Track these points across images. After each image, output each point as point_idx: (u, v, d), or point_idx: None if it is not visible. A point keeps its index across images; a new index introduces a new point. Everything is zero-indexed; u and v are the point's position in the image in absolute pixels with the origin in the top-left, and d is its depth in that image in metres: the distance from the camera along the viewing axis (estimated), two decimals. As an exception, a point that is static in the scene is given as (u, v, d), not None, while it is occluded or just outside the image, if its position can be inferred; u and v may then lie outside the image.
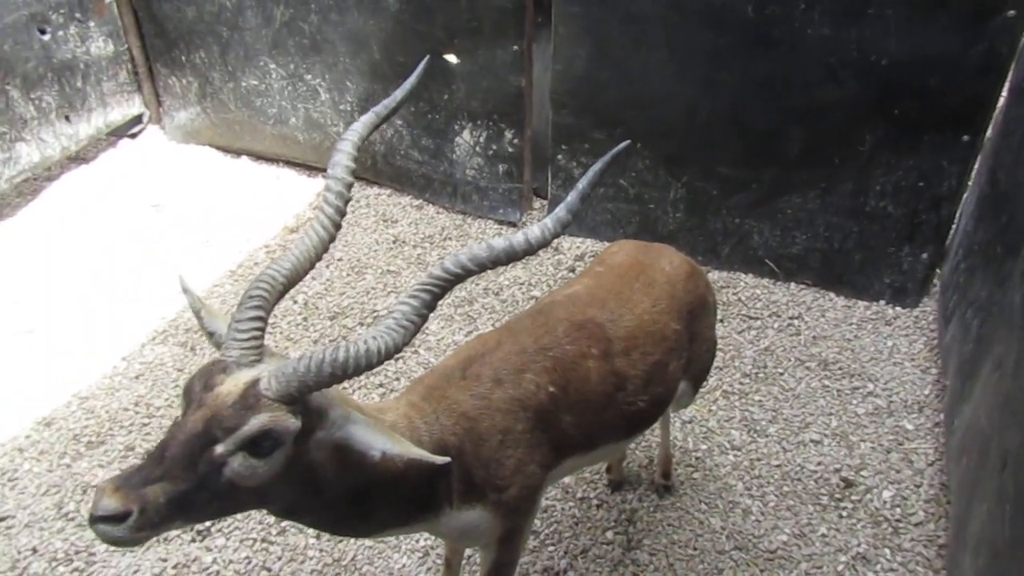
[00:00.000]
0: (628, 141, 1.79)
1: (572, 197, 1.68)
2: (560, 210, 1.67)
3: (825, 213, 4.15)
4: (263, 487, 1.57)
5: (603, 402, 2.22)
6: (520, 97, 4.51)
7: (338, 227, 1.80)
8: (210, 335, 1.74)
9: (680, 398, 2.64)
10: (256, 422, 1.49)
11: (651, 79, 4.13)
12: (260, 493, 1.59)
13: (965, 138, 3.75)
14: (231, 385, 1.53)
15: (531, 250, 1.65)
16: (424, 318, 1.63)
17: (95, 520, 1.42)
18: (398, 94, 2.01)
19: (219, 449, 1.49)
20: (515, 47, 4.36)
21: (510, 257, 1.64)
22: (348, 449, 1.66)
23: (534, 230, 1.65)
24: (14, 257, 4.62)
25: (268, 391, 1.52)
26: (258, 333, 1.62)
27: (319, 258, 1.80)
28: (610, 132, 4.38)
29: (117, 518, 1.41)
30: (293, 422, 1.53)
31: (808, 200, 4.15)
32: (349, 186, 1.80)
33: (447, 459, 1.68)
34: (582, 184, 1.70)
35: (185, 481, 1.47)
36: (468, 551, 2.79)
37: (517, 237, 1.64)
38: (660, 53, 4.05)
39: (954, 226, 4.11)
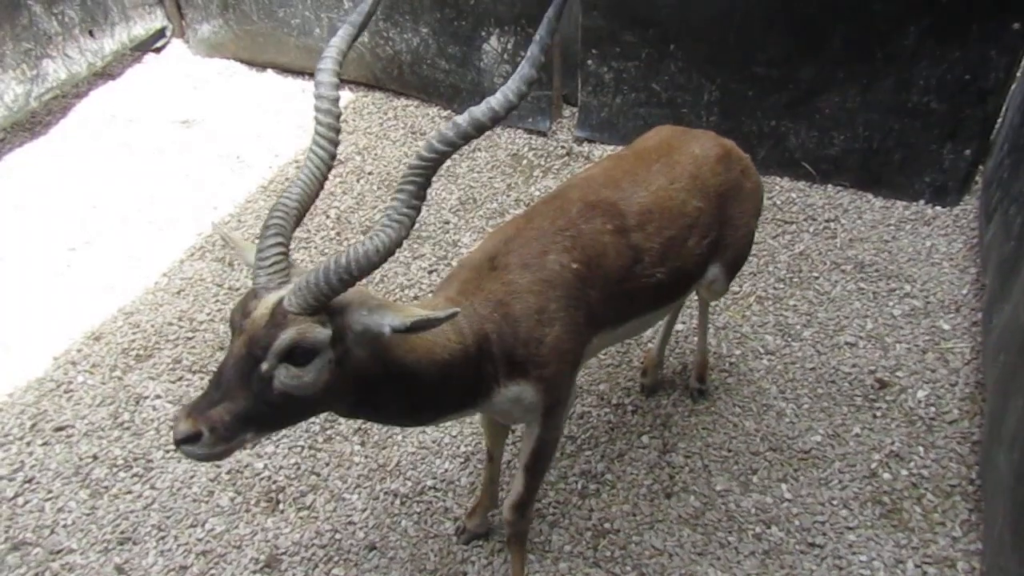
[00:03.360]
0: None
1: (533, 50, 1.66)
2: (523, 67, 1.66)
3: (865, 111, 4.02)
4: (318, 391, 1.72)
5: (623, 275, 2.29)
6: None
7: (335, 143, 1.84)
8: (249, 267, 1.84)
9: (712, 283, 2.69)
10: (286, 336, 1.64)
11: (685, -25, 3.97)
12: (319, 397, 1.74)
13: (1016, 26, 3.58)
14: (262, 308, 1.68)
15: (498, 116, 1.65)
16: (416, 208, 1.69)
17: (177, 444, 1.64)
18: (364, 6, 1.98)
19: (264, 366, 1.65)
20: (542, -55, 4.19)
21: (479, 128, 1.65)
22: (374, 338, 1.77)
23: (497, 96, 1.65)
24: (50, 174, 4.68)
25: (291, 307, 1.65)
26: (280, 258, 1.74)
27: (326, 177, 1.86)
28: (642, 34, 4.24)
29: (193, 438, 1.62)
30: (321, 330, 1.67)
31: (847, 99, 4.02)
32: (336, 100, 1.83)
33: (453, 310, 1.76)
34: (539, 36, 1.67)
35: (243, 398, 1.66)
36: (508, 441, 2.88)
37: (480, 108, 1.65)
38: (695, -53, 3.88)
39: (1000, 120, 3.97)
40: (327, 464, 3.08)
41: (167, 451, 3.13)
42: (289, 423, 1.89)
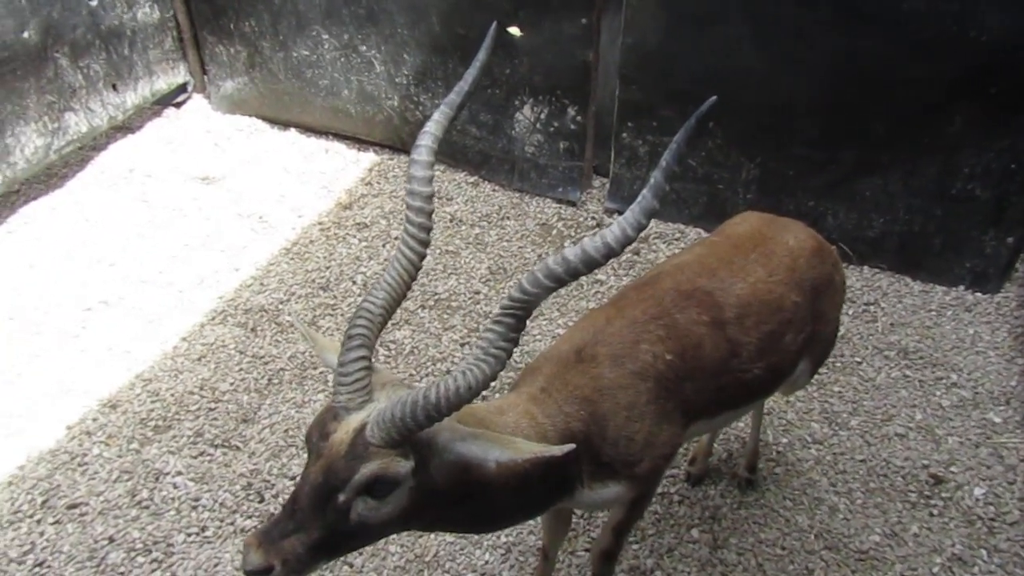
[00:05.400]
0: (715, 97, 1.57)
1: (657, 177, 1.46)
2: (642, 201, 1.47)
3: (907, 196, 3.98)
4: (395, 518, 1.65)
5: (719, 368, 2.19)
6: (586, 72, 4.34)
7: (426, 242, 1.72)
8: (327, 367, 1.75)
9: (798, 378, 2.58)
10: (367, 471, 1.55)
11: (729, 54, 3.95)
12: (395, 522, 1.67)
13: (1064, 119, 3.57)
14: (342, 433, 1.58)
15: (613, 252, 1.48)
16: (513, 341, 1.55)
17: (247, 574, 1.55)
18: (469, 75, 1.82)
19: (341, 497, 1.57)
20: (583, 19, 4.18)
21: (589, 266, 1.49)
22: (466, 467, 1.67)
23: (614, 230, 1.47)
24: (66, 230, 4.54)
25: (373, 438, 1.55)
26: (363, 374, 1.63)
27: (414, 278, 1.73)
28: (681, 109, 4.21)
29: (264, 571, 1.53)
30: (403, 464, 1.57)
31: (889, 182, 3.98)
32: (431, 197, 1.70)
33: (570, 446, 1.62)
34: (665, 162, 1.47)
35: (317, 529, 1.57)
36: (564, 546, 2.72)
37: (595, 242, 1.48)
38: (740, 27, 3.86)
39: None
40: (360, 554, 2.89)
41: (189, 534, 2.94)
42: (358, 548, 1.80)
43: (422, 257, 1.72)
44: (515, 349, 1.57)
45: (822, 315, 2.48)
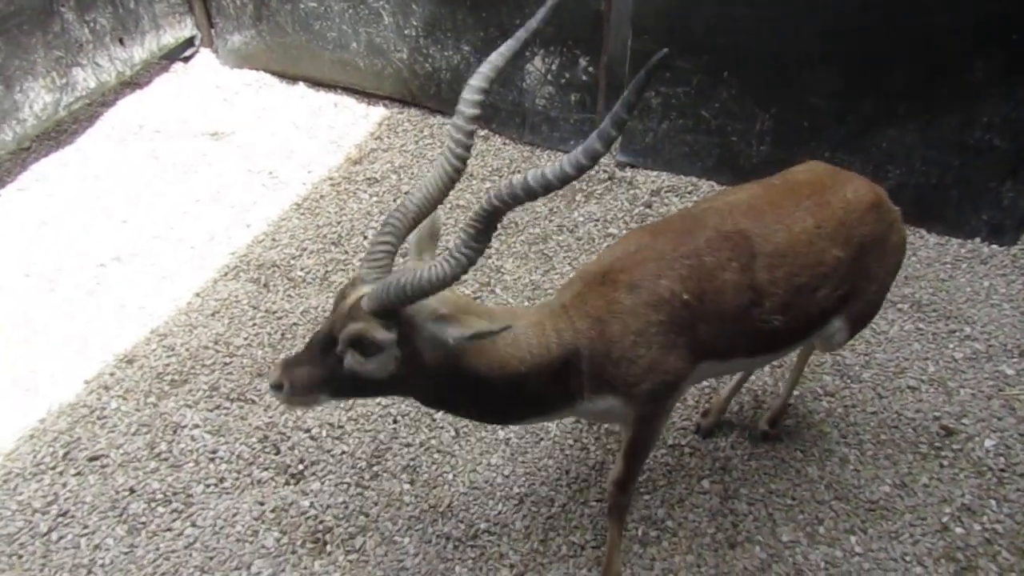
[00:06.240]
0: (665, 50, 1.64)
1: (616, 110, 1.56)
2: (593, 140, 1.57)
3: (924, 147, 3.92)
4: (384, 379, 1.94)
5: (738, 315, 2.20)
6: (598, 21, 4.26)
7: (464, 158, 1.86)
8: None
9: (833, 335, 2.52)
10: (352, 329, 1.87)
11: (744, 2, 3.87)
12: (387, 383, 1.96)
13: (1087, 67, 3.49)
14: (352, 298, 1.90)
15: (569, 178, 1.61)
16: (476, 250, 1.74)
17: (271, 388, 1.94)
18: (523, 32, 1.90)
19: (338, 347, 1.90)
20: (595, -33, 4.09)
21: (547, 188, 1.63)
22: (444, 347, 1.90)
23: (570, 158, 1.60)
24: (77, 187, 4.55)
25: (365, 306, 1.85)
26: (385, 256, 1.91)
27: (449, 188, 1.92)
28: (695, 60, 4.14)
29: (277, 387, 1.92)
30: (383, 333, 1.86)
31: (906, 133, 3.92)
32: (475, 118, 1.82)
33: (505, 325, 1.86)
34: (617, 107, 1.56)
35: (320, 368, 1.92)
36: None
37: (554, 168, 1.61)
38: (756, -27, 3.78)
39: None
40: (375, 503, 2.94)
41: (207, 485, 3.00)
42: (363, 396, 2.19)
43: (459, 171, 1.88)
44: (481, 257, 1.77)
45: (867, 273, 2.41)
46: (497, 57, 1.85)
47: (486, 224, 1.71)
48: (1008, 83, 3.61)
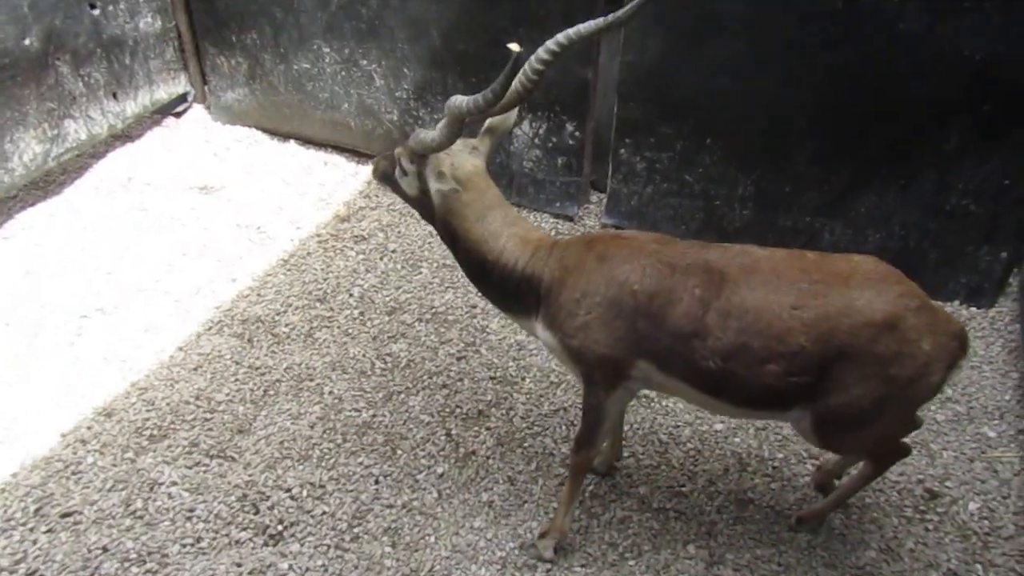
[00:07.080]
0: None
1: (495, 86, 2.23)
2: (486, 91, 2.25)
3: (902, 211, 4.01)
4: (415, 195, 2.74)
5: (678, 334, 2.36)
6: (585, 88, 4.37)
7: (530, 89, 2.30)
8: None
9: (799, 423, 2.50)
10: (396, 151, 2.73)
11: (727, 72, 3.99)
12: (419, 203, 2.76)
13: (1055, 136, 3.60)
14: (417, 136, 2.59)
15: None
16: (446, 137, 2.45)
17: (372, 161, 2.97)
18: (602, 21, 2.23)
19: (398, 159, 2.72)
20: (583, 35, 4.21)
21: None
22: (431, 190, 2.63)
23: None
24: (63, 237, 4.54)
25: (408, 144, 2.63)
26: (454, 125, 2.42)
27: (520, 101, 2.38)
28: (678, 126, 4.24)
29: (375, 168, 2.91)
30: (407, 164, 2.68)
31: (885, 198, 4.01)
32: (547, 61, 2.21)
33: (454, 188, 2.57)
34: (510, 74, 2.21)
35: (390, 167, 2.78)
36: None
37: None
38: (738, 44, 3.90)
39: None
40: (355, 567, 2.88)
41: (183, 545, 2.93)
42: (413, 207, 2.85)
43: (529, 91, 2.31)
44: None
45: (839, 381, 2.30)
46: (573, 32, 2.19)
47: (459, 124, 2.39)
48: (981, 151, 3.73)
